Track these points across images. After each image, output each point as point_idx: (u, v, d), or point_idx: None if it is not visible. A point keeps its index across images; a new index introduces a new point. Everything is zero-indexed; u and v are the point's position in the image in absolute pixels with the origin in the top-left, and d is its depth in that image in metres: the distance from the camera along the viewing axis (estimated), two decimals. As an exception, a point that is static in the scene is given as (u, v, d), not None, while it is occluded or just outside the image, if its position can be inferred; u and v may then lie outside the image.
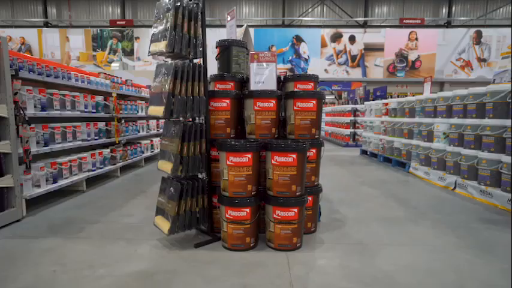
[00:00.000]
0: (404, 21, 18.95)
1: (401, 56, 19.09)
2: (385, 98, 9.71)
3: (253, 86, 2.83)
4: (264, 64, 2.87)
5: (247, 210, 2.43)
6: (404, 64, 19.08)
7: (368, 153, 7.95)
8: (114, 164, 5.19)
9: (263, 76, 2.86)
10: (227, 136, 2.76)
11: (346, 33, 19.12)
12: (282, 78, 3.13)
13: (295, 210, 2.42)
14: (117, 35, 19.29)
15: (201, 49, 2.55)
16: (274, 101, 2.72)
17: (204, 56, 2.57)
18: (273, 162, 2.43)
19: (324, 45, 19.10)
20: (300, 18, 19.54)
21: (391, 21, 19.54)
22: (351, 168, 6.38)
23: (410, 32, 18.99)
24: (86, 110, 4.45)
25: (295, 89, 2.89)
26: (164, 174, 2.67)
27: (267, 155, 2.49)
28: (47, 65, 3.66)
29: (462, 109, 4.56)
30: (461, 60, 18.88)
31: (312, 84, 2.99)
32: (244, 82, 3.07)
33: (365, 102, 8.89)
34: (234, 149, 2.41)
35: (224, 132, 2.75)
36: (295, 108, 2.73)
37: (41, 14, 20.00)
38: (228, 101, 2.72)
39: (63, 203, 3.77)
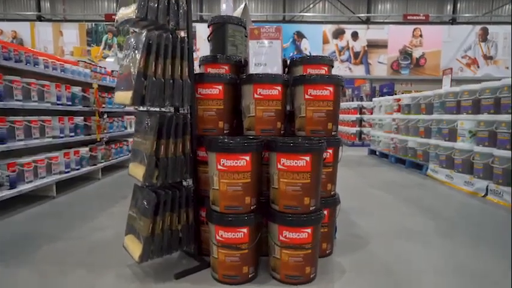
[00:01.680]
0: (408, 17, 18.37)
1: (406, 53, 18.53)
2: (392, 95, 9.13)
3: (252, 69, 2.23)
4: (266, 42, 2.26)
5: (245, 230, 1.82)
6: (409, 61, 18.51)
7: (377, 153, 7.35)
8: (94, 165, 4.57)
9: (265, 56, 2.25)
10: (219, 132, 2.16)
11: (349, 29, 18.55)
12: (288, 62, 2.53)
13: (309, 230, 1.82)
14: (113, 29, 18.62)
15: (184, 20, 1.94)
16: (279, 88, 2.11)
17: (189, 27, 1.96)
18: (279, 166, 1.82)
19: (325, 41, 18.52)
20: (301, 13, 18.93)
21: (395, 18, 18.95)
22: (361, 170, 5.78)
23: (415, 29, 18.44)
24: (58, 102, 3.83)
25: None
26: (138, 182, 2.06)
27: (271, 156, 1.88)
28: (4, 45, 3.04)
29: (493, 103, 3.96)
30: (467, 58, 18.33)
31: (326, 68, 2.40)
32: (242, 66, 2.48)
33: (374, 99, 8.29)
34: (227, 149, 1.80)
35: (215, 127, 2.14)
36: (306, 96, 2.12)
37: (34, 7, 19.37)
38: (220, 87, 2.11)
39: (23, 212, 3.15)
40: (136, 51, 1.74)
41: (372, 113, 8.91)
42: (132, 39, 1.83)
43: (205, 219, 2.01)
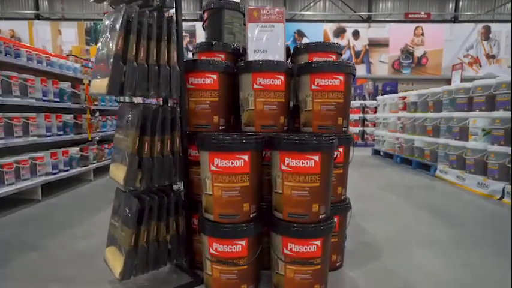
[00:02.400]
0: (409, 15, 18.13)
1: (407, 52, 18.29)
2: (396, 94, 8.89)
3: (252, 56, 1.97)
4: (268, 25, 2.00)
5: (243, 243, 1.56)
6: (410, 60, 18.26)
7: (381, 153, 7.09)
8: (86, 166, 4.31)
9: (266, 42, 1.99)
10: (214, 128, 1.89)
11: (350, 28, 18.32)
12: (291, 50, 2.27)
13: (318, 242, 1.55)
14: (111, 28, 18.41)
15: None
16: (282, 77, 1.85)
17: (178, 5, 1.70)
18: (283, 167, 1.56)
19: (326, 40, 18.26)
20: (302, 12, 18.70)
21: (396, 16, 18.71)
22: (365, 171, 5.51)
23: (416, 27, 18.20)
24: (44, 98, 3.57)
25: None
26: (120, 186, 1.79)
27: (274, 156, 1.62)
28: (-20, 35, 2.78)
29: (510, 99, 3.69)
30: (469, 57, 18.08)
31: (334, 57, 2.14)
32: (239, 55, 2.22)
33: (378, 97, 8.04)
34: (222, 147, 1.53)
35: (209, 122, 1.88)
36: (313, 87, 1.86)
37: (32, 6, 19.13)
38: (215, 76, 1.85)
39: (2, 218, 2.88)
40: (113, 32, 1.48)
41: (375, 112, 8.67)
42: (109, 19, 1.57)
43: (197, 228, 1.75)
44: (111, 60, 1.42)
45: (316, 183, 1.53)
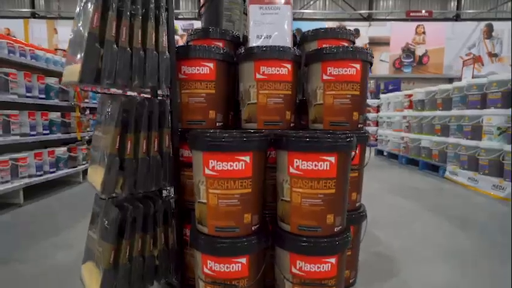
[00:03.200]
0: (411, 14, 17.93)
1: (408, 51, 18.08)
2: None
3: (254, 42, 1.72)
4: (272, 7, 1.75)
5: (243, 261, 1.30)
6: (411, 59, 18.05)
7: (385, 153, 6.85)
8: (74, 167, 4.05)
9: (270, 27, 1.74)
10: (210, 124, 1.63)
11: (350, 26, 18.07)
12: (298, 38, 2.02)
13: (333, 260, 1.30)
14: (108, 26, 18.11)
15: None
16: (289, 66, 1.60)
17: (168, -20, 1.44)
18: (292, 170, 1.30)
19: (326, 38, 18.01)
20: (302, 10, 18.46)
21: (397, 14, 18.51)
22: (370, 172, 5.24)
23: (418, 26, 17.99)
24: (28, 95, 3.31)
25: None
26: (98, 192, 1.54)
27: (280, 157, 1.36)
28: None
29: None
30: (471, 55, 17.86)
31: (347, 44, 1.89)
32: (240, 44, 1.97)
33: (381, 95, 7.81)
34: (219, 147, 1.28)
35: (205, 118, 1.62)
36: (325, 77, 1.61)
37: (28, 4, 18.85)
38: (211, 65, 1.59)
39: (-24, 224, 2.64)
40: (87, 9, 1.22)
41: (377, 111, 8.43)
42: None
43: (189, 241, 1.49)
44: (85, 40, 1.16)
45: (331, 190, 1.28)
